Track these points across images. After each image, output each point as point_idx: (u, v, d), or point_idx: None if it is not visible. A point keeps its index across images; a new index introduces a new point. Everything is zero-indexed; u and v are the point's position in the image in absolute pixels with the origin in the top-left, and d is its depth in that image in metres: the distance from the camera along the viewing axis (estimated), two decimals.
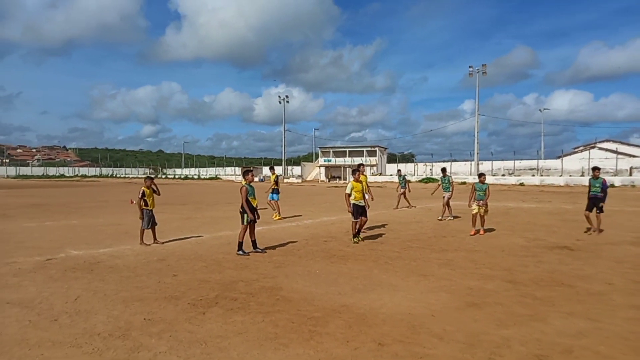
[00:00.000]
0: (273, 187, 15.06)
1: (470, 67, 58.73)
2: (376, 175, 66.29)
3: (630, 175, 47.44)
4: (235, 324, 4.73)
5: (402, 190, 18.97)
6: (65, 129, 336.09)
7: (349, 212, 10.10)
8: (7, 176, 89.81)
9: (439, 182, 15.38)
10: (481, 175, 12.72)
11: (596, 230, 11.30)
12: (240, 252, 8.55)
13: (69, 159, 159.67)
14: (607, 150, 59.41)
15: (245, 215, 8.60)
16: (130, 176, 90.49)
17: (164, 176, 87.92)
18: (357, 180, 10.15)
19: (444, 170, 15.47)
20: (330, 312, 5.13)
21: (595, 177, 11.62)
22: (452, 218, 14.70)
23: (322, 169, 76.59)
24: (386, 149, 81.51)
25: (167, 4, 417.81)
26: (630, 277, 6.83)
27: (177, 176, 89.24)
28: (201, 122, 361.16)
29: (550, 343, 4.21)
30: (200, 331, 4.51)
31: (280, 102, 75.11)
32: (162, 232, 11.67)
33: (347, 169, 70.99)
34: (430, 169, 67.27)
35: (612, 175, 46.09)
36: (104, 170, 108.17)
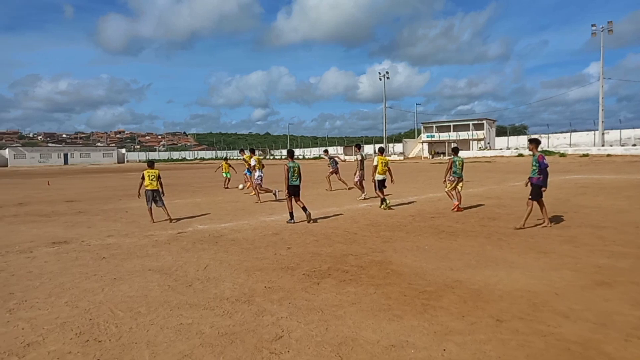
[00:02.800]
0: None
1: (593, 25, 52.33)
2: (484, 149, 62.74)
3: None
4: (349, 294, 4.91)
5: (332, 170, 17.34)
6: (187, 115, 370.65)
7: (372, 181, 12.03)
8: (139, 160, 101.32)
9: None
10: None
11: (544, 221, 8.63)
12: (292, 221, 9.67)
13: (188, 144, 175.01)
14: None
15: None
16: (242, 158, 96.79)
17: (271, 157, 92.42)
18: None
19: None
20: (442, 286, 5.07)
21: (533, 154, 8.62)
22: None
23: (425, 145, 74.46)
24: (495, 121, 76.52)
25: None
26: None
27: (283, 157, 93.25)
28: (307, 103, 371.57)
29: None
30: (317, 300, 4.76)
31: (380, 79, 74.07)
32: (274, 208, 12.38)
33: (452, 144, 68.12)
34: (547, 141, 61.74)
35: None
36: (219, 153, 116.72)
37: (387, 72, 74.49)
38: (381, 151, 12.41)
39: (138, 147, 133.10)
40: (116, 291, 5.23)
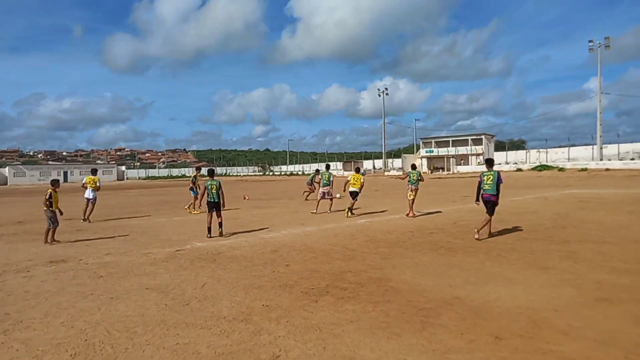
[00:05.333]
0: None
1: (590, 41, 53.03)
2: (482, 164, 62.91)
3: None
4: (347, 312, 4.87)
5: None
6: (189, 132, 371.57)
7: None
8: (138, 177, 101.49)
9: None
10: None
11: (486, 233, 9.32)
12: (209, 236, 10.34)
13: (188, 161, 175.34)
14: None
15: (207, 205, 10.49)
16: (242, 174, 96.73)
17: (270, 173, 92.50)
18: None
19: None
20: (441, 303, 5.04)
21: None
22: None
23: (424, 160, 74.64)
24: (493, 136, 77.02)
25: (284, 8, 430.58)
26: None
27: (282, 173, 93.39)
28: (308, 120, 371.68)
29: None
30: (315, 318, 4.72)
31: (379, 95, 74.73)
32: (274, 225, 12.35)
33: (451, 159, 68.32)
34: (545, 156, 61.97)
35: None
36: (218, 170, 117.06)
37: (387, 89, 75.42)
38: (357, 170, 15.14)
39: (138, 164, 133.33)
40: (113, 310, 5.18)
